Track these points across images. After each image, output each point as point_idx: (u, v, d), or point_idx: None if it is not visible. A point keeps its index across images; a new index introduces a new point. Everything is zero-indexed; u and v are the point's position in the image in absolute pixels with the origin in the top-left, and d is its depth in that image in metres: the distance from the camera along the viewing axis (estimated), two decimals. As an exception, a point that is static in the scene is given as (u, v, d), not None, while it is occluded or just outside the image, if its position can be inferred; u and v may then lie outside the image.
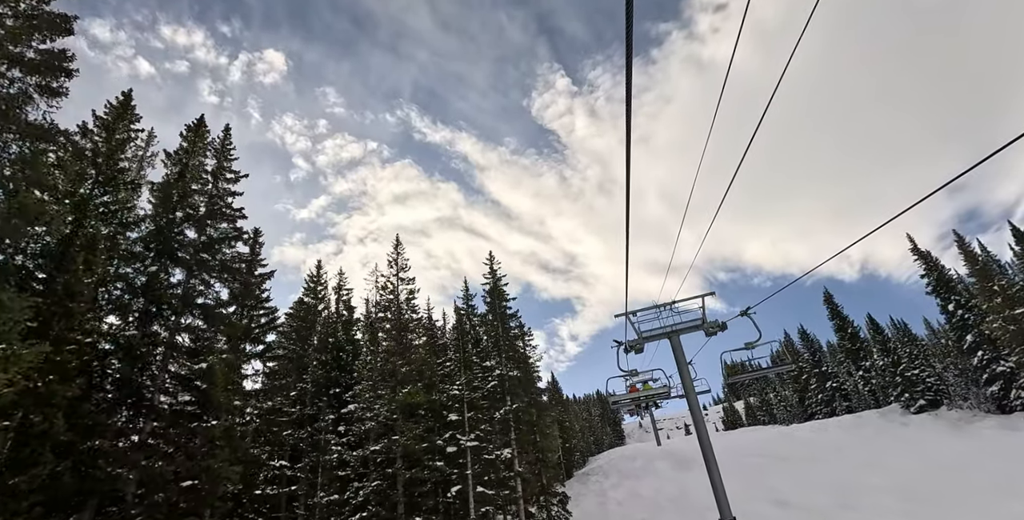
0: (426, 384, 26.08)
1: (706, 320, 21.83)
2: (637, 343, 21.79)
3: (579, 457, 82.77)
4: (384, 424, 23.99)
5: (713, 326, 22.04)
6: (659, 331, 21.61)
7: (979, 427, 43.37)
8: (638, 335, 21.97)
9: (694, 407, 19.72)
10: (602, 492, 51.28)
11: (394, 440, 23.06)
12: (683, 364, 20.75)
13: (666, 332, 21.57)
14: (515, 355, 33.09)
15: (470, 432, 25.79)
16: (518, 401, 30.21)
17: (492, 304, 33.80)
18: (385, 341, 26.56)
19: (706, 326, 21.78)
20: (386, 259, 29.55)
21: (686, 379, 20.51)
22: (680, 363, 20.83)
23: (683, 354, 22.26)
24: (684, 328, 21.65)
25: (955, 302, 49.78)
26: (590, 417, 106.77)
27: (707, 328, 21.74)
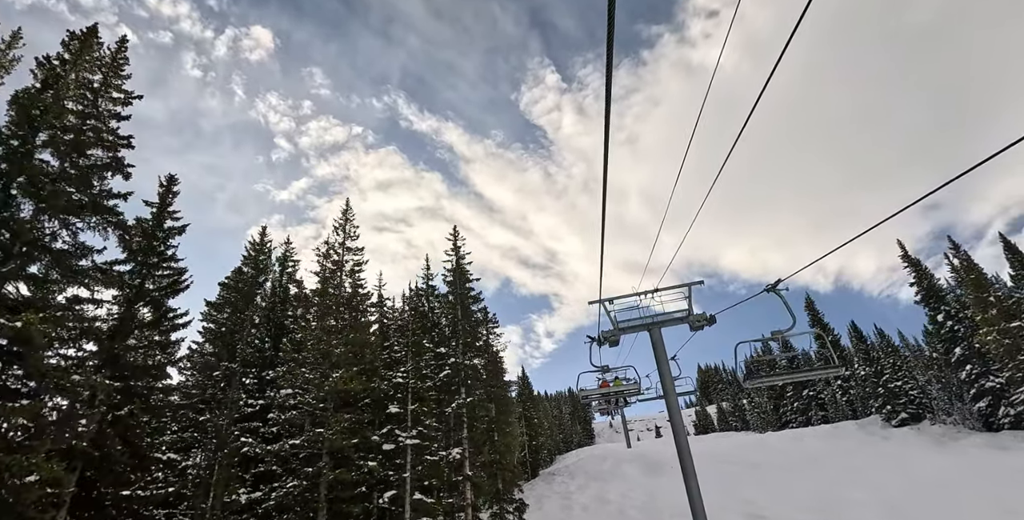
0: (366, 369, 22.06)
1: (692, 312, 18.98)
2: (612, 335, 19.24)
3: (546, 455, 79.10)
4: (310, 414, 19.92)
5: (700, 320, 18.83)
6: (638, 322, 19.13)
7: (964, 444, 40.20)
8: (614, 325, 19.35)
9: (673, 408, 16.55)
10: (567, 495, 47.44)
11: (319, 433, 19.00)
12: (663, 360, 18.14)
13: (645, 324, 19.01)
14: (476, 343, 29.14)
15: (412, 427, 21.78)
16: (475, 394, 26.25)
17: (453, 284, 29.71)
18: (321, 317, 22.42)
19: (692, 319, 18.87)
20: (333, 224, 25.36)
21: (666, 377, 17.95)
22: (660, 359, 18.17)
23: (664, 349, 18.74)
24: (666, 320, 18.99)
25: (945, 313, 46.65)
26: (560, 415, 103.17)
27: (693, 321, 18.82)
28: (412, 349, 23.65)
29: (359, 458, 20.20)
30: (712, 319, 19.55)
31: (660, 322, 19.09)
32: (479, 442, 26.24)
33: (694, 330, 21.85)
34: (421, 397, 22.82)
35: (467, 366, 25.96)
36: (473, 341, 28.20)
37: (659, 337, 19.40)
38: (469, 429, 25.10)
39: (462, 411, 24.99)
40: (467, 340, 27.01)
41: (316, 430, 19.20)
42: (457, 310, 28.17)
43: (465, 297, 29.11)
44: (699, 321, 21.38)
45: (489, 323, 34.24)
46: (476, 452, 25.57)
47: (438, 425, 23.56)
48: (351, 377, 20.30)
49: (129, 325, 16.67)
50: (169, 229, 19.29)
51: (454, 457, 23.33)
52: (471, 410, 25.40)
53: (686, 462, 15.52)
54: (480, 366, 27.74)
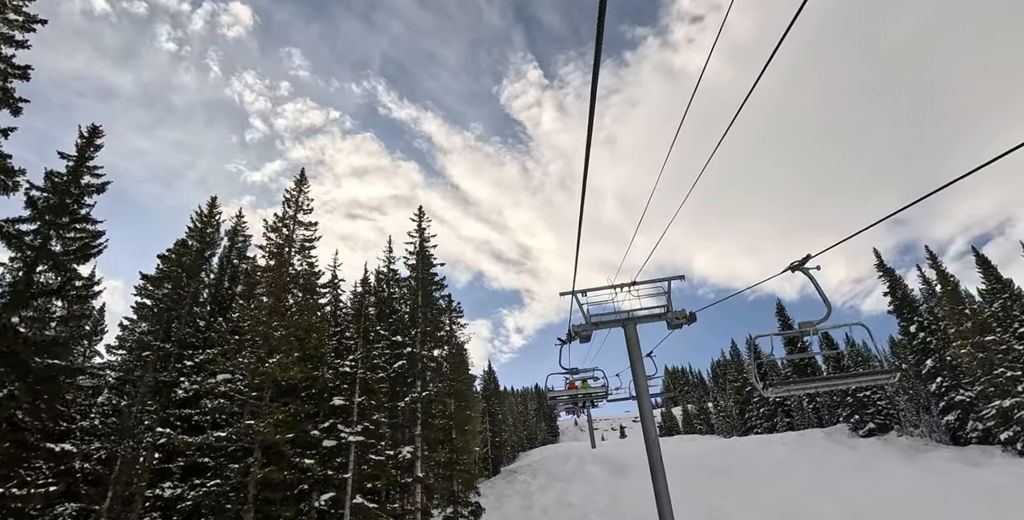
0: (311, 356, 19.60)
1: (671, 309, 17.68)
2: (584, 330, 17.98)
3: (509, 451, 77.20)
4: (244, 403, 17.42)
5: (679, 317, 17.60)
6: (612, 317, 17.94)
7: (933, 457, 39.20)
8: (586, 320, 18.05)
9: (645, 410, 15.61)
10: (528, 495, 45.42)
11: (249, 425, 16.55)
12: (637, 359, 17.06)
13: (620, 320, 17.83)
14: (438, 333, 26.80)
15: (359, 422, 19.42)
16: (433, 388, 23.95)
17: (416, 268, 27.29)
18: (264, 295, 19.88)
19: (670, 316, 17.61)
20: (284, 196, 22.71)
21: (639, 377, 16.80)
22: (634, 357, 17.07)
23: (638, 347, 17.59)
24: (643, 317, 17.84)
25: (918, 324, 45.74)
26: (526, 411, 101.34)
27: (671, 318, 17.59)
28: (363, 335, 21.25)
29: (296, 455, 17.76)
30: (692, 317, 17.86)
31: (636, 318, 17.83)
32: (435, 440, 23.98)
33: (672, 328, 18.84)
34: (370, 389, 20.45)
35: (425, 357, 23.61)
36: (434, 330, 25.85)
37: (634, 334, 17.96)
38: (424, 426, 22.80)
39: (416, 406, 22.67)
40: (427, 329, 24.66)
41: (246, 422, 16.74)
42: (418, 296, 25.78)
43: (428, 282, 26.70)
44: (678, 318, 18.29)
45: (453, 312, 31.88)
46: (430, 451, 23.31)
47: (388, 421, 21.24)
48: (291, 363, 17.86)
49: (24, 293, 14.02)
50: (87, 186, 16.61)
51: (405, 456, 21.06)
52: (427, 405, 23.08)
53: (656, 466, 14.43)
54: (441, 358, 25.48)
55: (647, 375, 23.99)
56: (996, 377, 37.81)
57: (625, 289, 20.91)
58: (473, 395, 52.90)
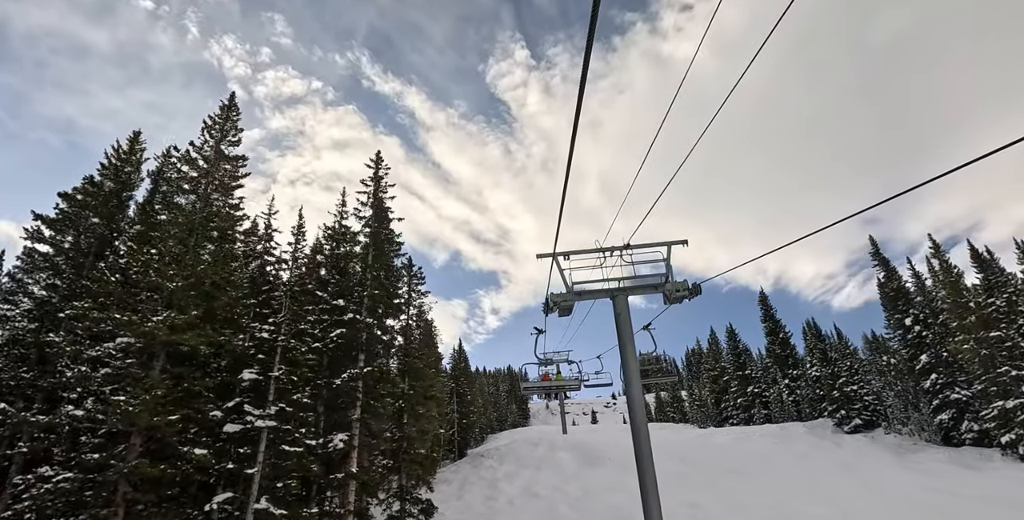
0: (219, 318, 15.13)
1: (671, 278, 15.30)
2: (565, 299, 15.52)
3: (478, 433, 73.49)
4: (118, 373, 12.94)
5: (679, 289, 15.18)
6: (599, 286, 15.56)
7: (925, 458, 36.10)
8: (568, 288, 15.62)
9: (635, 399, 13.69)
10: (493, 483, 41.52)
11: (119, 402, 12.08)
12: (626, 336, 14.66)
13: (609, 289, 15.49)
14: (394, 301, 22.31)
15: (276, 402, 15.05)
16: (379, 363, 19.61)
17: (369, 221, 22.55)
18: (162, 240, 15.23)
19: (669, 287, 15.26)
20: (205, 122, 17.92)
21: (628, 358, 14.55)
22: (623, 334, 14.70)
23: (628, 323, 15.02)
24: (636, 287, 15.57)
25: (913, 317, 42.49)
26: (497, 392, 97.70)
27: (670, 290, 15.21)
28: (290, 293, 16.75)
29: (185, 442, 13.40)
30: (695, 289, 15.32)
31: (628, 289, 15.47)
32: (379, 426, 19.70)
33: (670, 302, 15.97)
34: (293, 360, 16.06)
35: (372, 325, 19.16)
36: (387, 296, 21.33)
37: (625, 307, 15.51)
38: (364, 409, 18.46)
39: (356, 384, 18.31)
40: (376, 292, 20.17)
41: (115, 397, 12.27)
42: (368, 253, 21.23)
43: (382, 239, 22.12)
44: (679, 291, 15.47)
45: (414, 278, 27.40)
46: (372, 439, 19.06)
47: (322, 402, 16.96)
48: (188, 323, 13.41)
49: None
50: None
51: (337, 446, 16.83)
52: (369, 383, 18.72)
53: (645, 460, 12.96)
54: (396, 329, 21.22)
55: (645, 353, 19.69)
56: (999, 376, 34.67)
57: (615, 254, 16.23)
58: (438, 375, 48.69)
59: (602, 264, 18.27)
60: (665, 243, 18.12)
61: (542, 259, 18.72)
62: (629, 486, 38.45)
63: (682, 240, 18.20)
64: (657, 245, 17.93)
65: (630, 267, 17.75)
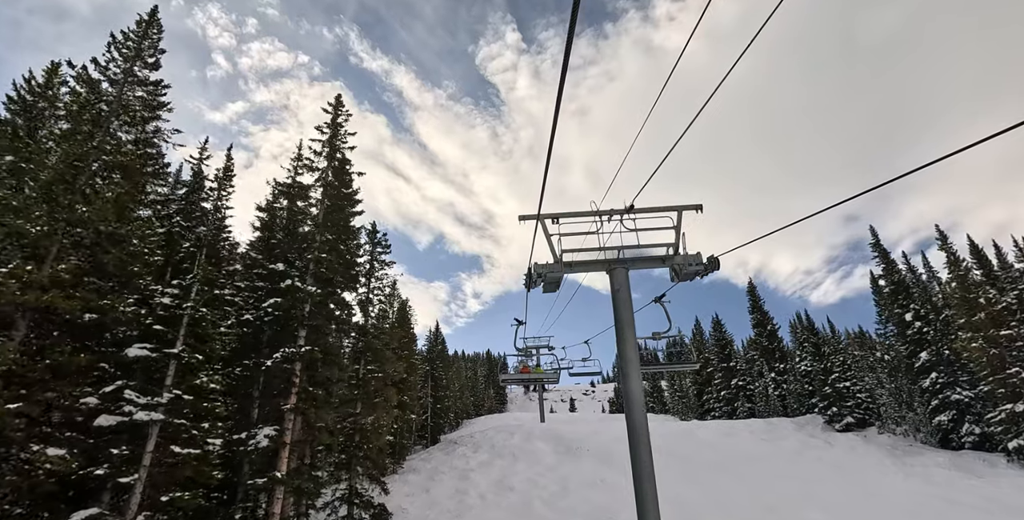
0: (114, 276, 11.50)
1: (683, 249, 12.27)
2: (551, 271, 12.71)
3: (453, 418, 70.49)
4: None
5: (692, 262, 12.24)
6: (594, 257, 12.61)
7: (924, 462, 33.58)
8: (556, 258, 12.71)
9: (633, 391, 10.76)
10: (465, 473, 38.35)
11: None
12: (626, 319, 11.49)
13: (606, 261, 12.53)
14: (351, 270, 18.54)
15: (175, 386, 11.54)
16: (325, 342, 15.96)
17: (323, 174, 18.66)
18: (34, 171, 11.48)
19: (679, 260, 12.37)
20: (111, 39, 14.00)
21: (627, 345, 11.33)
22: (621, 314, 11.62)
23: (628, 300, 11.99)
24: (639, 259, 12.74)
25: (914, 312, 39.86)
26: (475, 377, 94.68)
27: (680, 264, 12.34)
28: (204, 250, 13.11)
29: (43, 437, 9.87)
30: (713, 263, 12.60)
31: (628, 261, 12.87)
32: (323, 417, 16.14)
33: (682, 278, 13.24)
34: (202, 335, 12.49)
35: (313, 295, 15.50)
36: (342, 263, 17.53)
37: (624, 283, 12.81)
38: (303, 396, 14.92)
39: (292, 367, 14.78)
40: (323, 256, 16.40)
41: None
42: (320, 209, 17.46)
43: (337, 195, 18.27)
44: (690, 265, 12.71)
45: (378, 246, 23.67)
46: (310, 434, 15.55)
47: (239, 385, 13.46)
48: (53, 279, 9.83)
49: None
50: None
51: (260, 444, 13.40)
52: (309, 366, 15.15)
53: (642, 461, 10.53)
54: (352, 303, 17.71)
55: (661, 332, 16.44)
56: (1009, 377, 32.11)
57: (615, 219, 13.44)
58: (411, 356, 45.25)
59: (599, 230, 14.86)
60: (676, 208, 14.67)
61: (526, 221, 15.29)
62: (610, 481, 35.57)
63: (695, 205, 14.81)
64: (666, 209, 14.51)
65: (633, 235, 14.38)
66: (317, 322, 15.57)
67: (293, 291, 14.70)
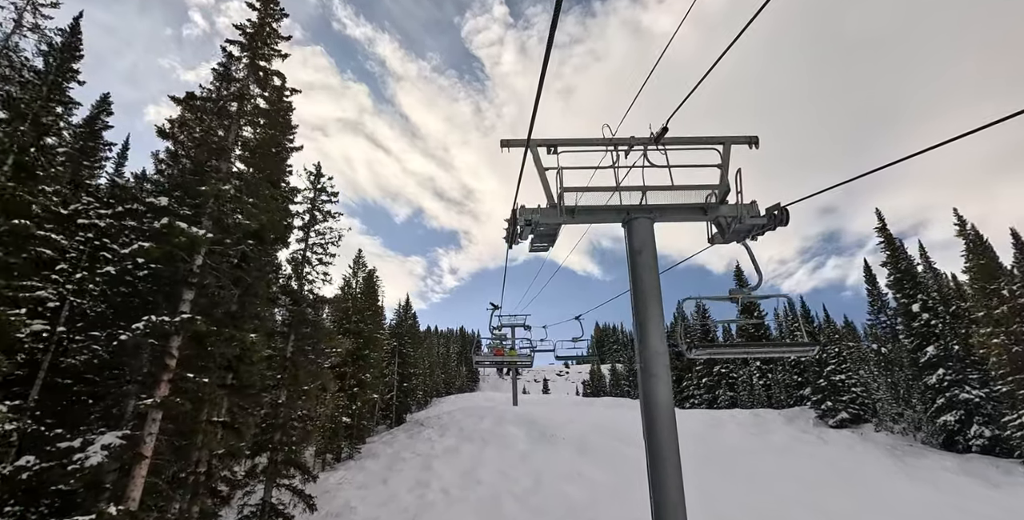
0: None
1: (734, 196, 8.70)
2: (546, 219, 9.18)
3: (422, 397, 66.41)
4: None
5: (747, 215, 8.69)
6: (606, 204, 9.20)
7: (930, 466, 30.42)
8: (552, 202, 9.15)
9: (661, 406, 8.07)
10: (428, 462, 34.14)
11: None
12: (648, 288, 8.62)
13: (623, 208, 9.12)
14: (274, 214, 13.46)
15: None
16: (225, 308, 11.22)
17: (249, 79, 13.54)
18: None
19: (727, 211, 8.88)
20: None
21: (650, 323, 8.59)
22: (643, 284, 8.63)
23: (653, 265, 8.80)
24: (669, 207, 9.22)
25: (922, 302, 36.53)
26: (447, 353, 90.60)
27: (728, 215, 8.84)
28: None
29: None
30: (781, 215, 8.36)
31: (654, 209, 8.94)
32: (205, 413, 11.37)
33: (731, 238, 9.08)
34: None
35: (202, 240, 10.60)
36: (265, 210, 12.50)
37: (648, 238, 8.91)
38: (176, 388, 10.15)
39: (166, 344, 10.04)
40: (223, 188, 11.36)
41: None
42: (231, 129, 12.42)
43: (264, 117, 13.09)
44: (746, 218, 8.62)
45: (323, 194, 18.64)
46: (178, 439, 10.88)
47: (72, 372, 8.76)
48: None
49: None
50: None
51: (88, 460, 8.86)
52: (194, 341, 10.36)
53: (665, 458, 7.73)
54: (278, 262, 13.03)
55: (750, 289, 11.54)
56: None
57: (636, 150, 9.39)
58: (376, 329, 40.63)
59: (615, 164, 10.46)
60: (722, 139, 10.30)
61: (513, 148, 10.86)
62: (587, 475, 31.62)
63: (748, 137, 10.56)
64: (708, 141, 10.08)
65: (661, 174, 9.92)
66: (210, 281, 10.89)
67: (172, 234, 10.00)
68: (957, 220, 34.30)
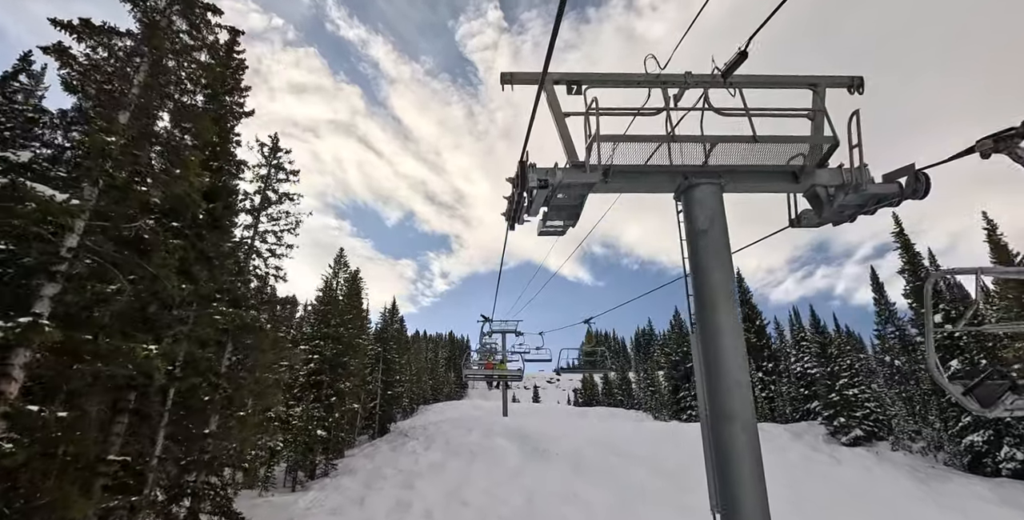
0: None
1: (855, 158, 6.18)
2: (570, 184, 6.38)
3: (408, 404, 62.98)
4: None
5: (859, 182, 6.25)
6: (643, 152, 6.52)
7: (958, 492, 27.56)
8: (574, 160, 6.45)
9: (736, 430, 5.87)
10: (410, 479, 30.85)
11: None
12: (721, 288, 6.21)
13: (679, 169, 6.50)
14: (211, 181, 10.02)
15: None
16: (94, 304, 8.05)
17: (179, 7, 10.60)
18: None
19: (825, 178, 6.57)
20: None
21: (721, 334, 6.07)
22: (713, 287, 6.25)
23: (726, 253, 6.30)
24: (746, 171, 6.62)
25: (944, 313, 33.85)
26: (435, 359, 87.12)
27: (827, 183, 6.53)
28: None
29: None
30: (921, 183, 6.02)
31: (725, 170, 6.53)
32: (44, 462, 7.79)
33: (831, 219, 6.87)
34: None
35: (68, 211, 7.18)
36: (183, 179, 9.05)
37: (716, 212, 6.41)
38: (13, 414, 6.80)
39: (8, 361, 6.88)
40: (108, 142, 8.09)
41: None
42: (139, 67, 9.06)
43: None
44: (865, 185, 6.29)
45: (280, 171, 15.39)
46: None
47: None
48: None
49: None
50: None
51: None
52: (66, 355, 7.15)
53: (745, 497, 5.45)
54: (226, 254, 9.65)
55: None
56: (1071, 396, 26.22)
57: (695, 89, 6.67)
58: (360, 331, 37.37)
59: (668, 108, 7.21)
60: (813, 79, 7.02)
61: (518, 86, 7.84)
62: (584, 496, 28.38)
63: (851, 78, 7.40)
64: (794, 81, 7.01)
65: (731, 124, 6.63)
66: (80, 271, 7.74)
67: (22, 200, 6.72)
68: (987, 224, 31.69)
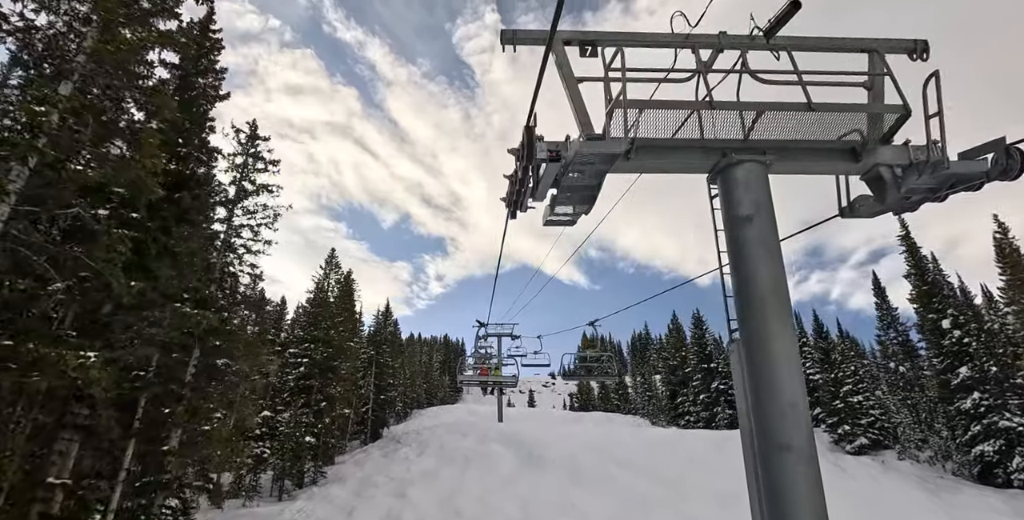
0: None
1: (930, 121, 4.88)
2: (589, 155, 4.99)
3: (402, 408, 61.62)
4: None
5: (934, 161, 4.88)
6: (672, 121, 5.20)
7: (970, 503, 26.49)
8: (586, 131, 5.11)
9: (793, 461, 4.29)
10: (402, 487, 29.62)
11: None
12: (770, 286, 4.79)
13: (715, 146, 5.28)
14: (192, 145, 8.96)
15: None
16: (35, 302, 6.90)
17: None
18: None
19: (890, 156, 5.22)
20: None
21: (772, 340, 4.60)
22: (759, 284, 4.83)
23: (774, 241, 4.97)
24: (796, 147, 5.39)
25: (952, 318, 32.90)
26: (430, 362, 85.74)
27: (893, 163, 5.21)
28: None
29: None
30: (1013, 158, 4.75)
31: (772, 147, 5.27)
32: None
33: (894, 207, 5.67)
34: None
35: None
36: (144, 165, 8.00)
37: (762, 195, 5.07)
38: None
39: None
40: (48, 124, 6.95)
41: None
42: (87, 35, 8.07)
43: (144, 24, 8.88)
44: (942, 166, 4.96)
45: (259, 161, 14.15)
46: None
47: None
48: None
49: None
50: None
51: None
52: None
53: None
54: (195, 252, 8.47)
55: None
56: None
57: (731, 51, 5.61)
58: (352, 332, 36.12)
59: (701, 73, 5.75)
60: (870, 43, 5.88)
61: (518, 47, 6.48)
62: (581, 507, 27.15)
63: (914, 41, 5.92)
64: (848, 44, 5.86)
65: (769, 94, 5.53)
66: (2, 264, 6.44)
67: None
68: (998, 227, 30.77)
